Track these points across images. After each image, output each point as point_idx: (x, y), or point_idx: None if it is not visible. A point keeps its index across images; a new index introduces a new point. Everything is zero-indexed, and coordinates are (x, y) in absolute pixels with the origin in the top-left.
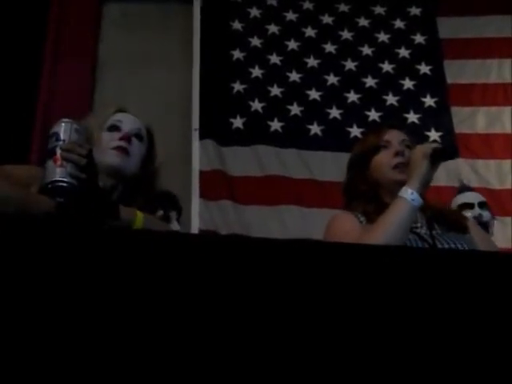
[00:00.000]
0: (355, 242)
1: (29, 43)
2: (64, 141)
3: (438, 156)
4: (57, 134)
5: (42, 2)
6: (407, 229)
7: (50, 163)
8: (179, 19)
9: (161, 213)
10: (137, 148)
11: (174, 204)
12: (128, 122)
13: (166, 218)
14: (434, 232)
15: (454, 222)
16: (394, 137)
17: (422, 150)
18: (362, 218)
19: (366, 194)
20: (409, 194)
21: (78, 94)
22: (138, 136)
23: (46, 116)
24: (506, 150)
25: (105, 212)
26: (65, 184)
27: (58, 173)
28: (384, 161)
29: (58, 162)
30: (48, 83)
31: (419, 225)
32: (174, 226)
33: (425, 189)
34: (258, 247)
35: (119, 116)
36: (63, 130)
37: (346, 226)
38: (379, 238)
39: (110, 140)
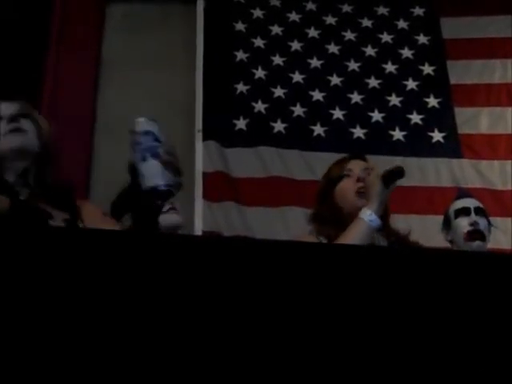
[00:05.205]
0: None
1: (31, 44)
2: (162, 142)
3: (391, 177)
4: (153, 134)
5: (45, 3)
6: None
7: (155, 163)
8: (182, 20)
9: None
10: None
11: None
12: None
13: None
14: None
15: None
16: (356, 166)
17: (375, 174)
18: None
19: (330, 219)
20: (367, 214)
21: (81, 95)
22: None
23: (50, 117)
24: (509, 151)
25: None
26: (172, 191)
27: (168, 176)
28: (347, 187)
29: (164, 166)
30: (51, 84)
31: None
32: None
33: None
34: (261, 248)
35: None
36: (157, 129)
37: None
38: None
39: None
